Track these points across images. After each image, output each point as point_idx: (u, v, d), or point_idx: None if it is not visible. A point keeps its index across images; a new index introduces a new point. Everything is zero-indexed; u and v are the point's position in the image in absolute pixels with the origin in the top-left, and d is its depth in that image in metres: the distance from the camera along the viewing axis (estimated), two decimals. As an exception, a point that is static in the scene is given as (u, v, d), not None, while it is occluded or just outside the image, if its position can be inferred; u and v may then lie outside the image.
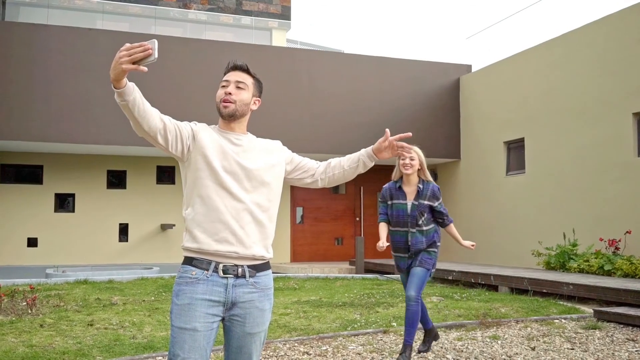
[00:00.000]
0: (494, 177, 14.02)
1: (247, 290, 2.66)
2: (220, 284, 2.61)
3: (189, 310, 2.57)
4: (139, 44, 2.28)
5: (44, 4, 14.99)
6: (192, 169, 2.66)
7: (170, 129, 2.56)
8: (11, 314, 7.32)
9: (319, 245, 16.04)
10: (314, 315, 7.42)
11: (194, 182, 2.65)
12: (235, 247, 2.61)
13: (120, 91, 2.35)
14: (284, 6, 16.73)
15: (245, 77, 2.76)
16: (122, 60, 2.28)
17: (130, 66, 2.28)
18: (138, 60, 2.30)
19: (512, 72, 13.64)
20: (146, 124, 2.47)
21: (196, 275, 2.61)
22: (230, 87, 2.71)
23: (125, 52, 2.28)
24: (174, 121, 2.62)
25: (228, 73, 2.77)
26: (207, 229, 2.61)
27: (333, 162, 2.95)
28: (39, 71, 12.45)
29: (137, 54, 2.28)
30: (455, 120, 15.33)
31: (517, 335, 6.44)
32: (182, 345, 2.54)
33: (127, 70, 2.30)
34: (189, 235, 2.65)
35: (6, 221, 13.69)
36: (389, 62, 15.09)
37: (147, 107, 2.46)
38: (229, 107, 2.69)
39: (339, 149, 14.38)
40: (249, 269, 2.66)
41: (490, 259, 13.79)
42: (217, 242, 2.60)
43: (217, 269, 2.61)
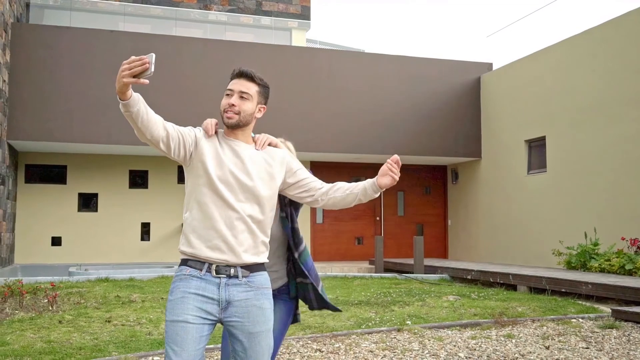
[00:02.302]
0: (515, 176, 13.91)
1: (241, 289, 2.70)
2: (213, 282, 2.67)
3: (181, 304, 2.64)
4: (139, 57, 2.37)
5: (67, 7, 15.23)
6: (192, 174, 2.73)
7: (172, 137, 2.63)
8: (32, 311, 7.46)
9: (339, 244, 16.06)
10: (328, 314, 7.44)
11: (193, 187, 2.72)
12: (226, 256, 2.67)
13: (125, 103, 2.43)
14: (303, 6, 16.77)
15: (250, 85, 2.75)
16: (124, 74, 2.37)
17: (130, 79, 2.37)
18: (137, 73, 2.38)
19: (533, 70, 13.52)
20: (149, 133, 2.55)
21: (190, 273, 2.69)
22: (234, 98, 2.73)
23: (127, 66, 2.37)
24: (178, 128, 2.67)
25: (233, 80, 2.78)
26: (202, 235, 2.68)
27: (338, 185, 2.93)
28: (62, 73, 12.65)
29: (136, 68, 2.36)
30: (476, 119, 15.24)
31: (532, 334, 6.39)
32: (175, 337, 2.60)
33: (128, 84, 2.38)
34: (185, 239, 2.73)
35: (31, 220, 13.93)
36: (409, 61, 15.06)
37: (150, 116, 2.53)
38: (233, 118, 2.72)
39: (359, 148, 14.39)
40: (242, 269, 2.71)
41: (511, 259, 13.69)
42: (209, 249, 2.67)
43: (210, 269, 2.68)
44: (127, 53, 12.86)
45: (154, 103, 11.14)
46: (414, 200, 16.77)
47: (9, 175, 12.80)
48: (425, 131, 14.81)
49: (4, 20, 11.90)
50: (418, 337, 6.24)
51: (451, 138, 15.02)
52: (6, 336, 6.04)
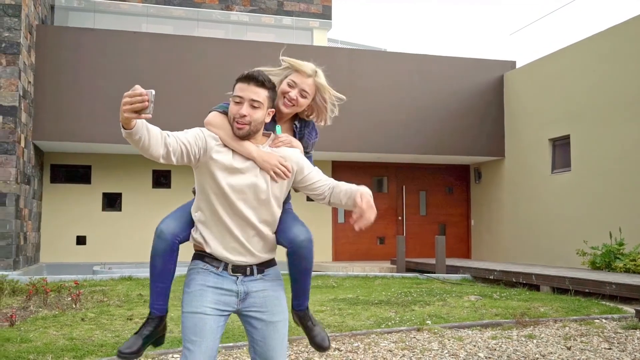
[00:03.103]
0: (539, 175, 13.76)
1: (257, 282, 2.77)
2: (230, 278, 2.73)
3: (200, 296, 2.68)
4: (139, 92, 2.28)
5: (91, 9, 15.41)
6: (201, 178, 2.70)
7: (174, 152, 2.56)
8: (56, 309, 7.56)
9: (360, 244, 16.03)
10: (348, 313, 7.44)
11: (202, 190, 2.72)
12: (244, 258, 2.73)
13: (128, 132, 2.38)
14: (324, 6, 16.77)
15: (260, 91, 2.64)
16: (125, 109, 2.30)
17: (132, 115, 2.30)
18: (138, 109, 2.30)
19: (557, 68, 13.37)
20: (148, 155, 2.52)
21: (207, 268, 2.74)
22: (245, 108, 2.63)
23: (128, 99, 2.29)
24: (182, 139, 2.59)
25: (241, 84, 2.66)
26: (217, 236, 2.71)
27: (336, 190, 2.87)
28: (86, 74, 12.81)
29: (136, 105, 2.29)
30: (499, 117, 15.12)
31: (554, 334, 6.32)
32: (193, 329, 2.64)
33: (130, 119, 2.32)
34: (201, 237, 2.75)
35: (57, 220, 14.12)
36: (431, 60, 14.98)
37: (152, 140, 2.47)
38: (243, 129, 2.65)
39: (381, 147, 14.36)
40: (257, 266, 2.77)
41: (534, 259, 13.55)
42: (226, 251, 2.71)
43: (227, 267, 2.73)
44: (150, 54, 13.03)
45: (176, 104, 11.25)
46: (436, 200, 16.67)
47: (34, 175, 12.99)
48: (447, 130, 14.73)
49: (29, 23, 12.08)
50: (438, 336, 6.20)
51: (474, 137, 14.92)
52: (29, 333, 6.13)
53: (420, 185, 16.61)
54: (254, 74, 2.65)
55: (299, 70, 2.85)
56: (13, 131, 11.06)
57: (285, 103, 2.82)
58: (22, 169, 11.65)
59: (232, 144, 2.68)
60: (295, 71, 2.88)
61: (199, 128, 2.73)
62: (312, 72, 2.88)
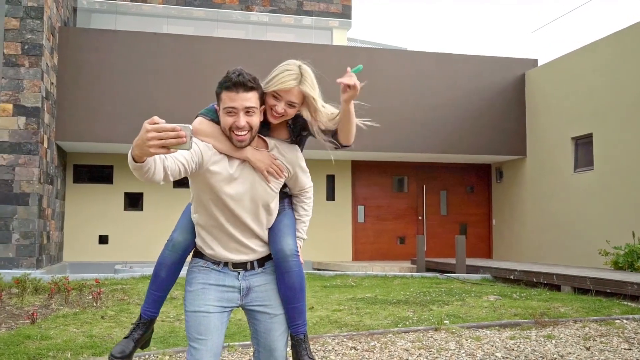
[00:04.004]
0: (561, 174, 13.62)
1: (259, 276, 2.78)
2: (231, 274, 2.74)
3: (202, 295, 2.69)
4: (172, 127, 2.07)
5: (112, 11, 15.57)
6: (196, 185, 2.67)
7: (172, 172, 2.43)
8: (77, 307, 7.66)
9: (380, 244, 15.99)
10: (366, 312, 7.43)
11: (198, 196, 2.69)
12: (247, 256, 2.74)
13: (138, 165, 2.22)
14: (344, 5, 16.76)
15: (250, 96, 2.53)
16: (152, 144, 2.08)
17: (159, 150, 2.09)
18: (172, 145, 2.09)
19: (579, 66, 13.22)
20: (149, 182, 2.38)
21: (208, 265, 2.75)
22: (242, 119, 2.53)
23: (155, 135, 2.07)
24: (177, 159, 2.45)
25: (229, 93, 2.53)
26: (219, 238, 2.71)
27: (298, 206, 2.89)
28: (108, 75, 12.95)
29: (170, 140, 2.08)
30: (521, 116, 14.98)
31: (574, 335, 6.25)
32: (198, 327, 2.65)
33: (155, 154, 2.12)
34: (202, 240, 2.75)
35: (79, 219, 14.29)
36: (451, 58, 14.90)
37: (157, 169, 2.33)
38: (245, 140, 2.57)
39: (401, 147, 14.31)
40: (257, 261, 2.79)
41: (556, 259, 13.41)
42: (229, 252, 2.72)
43: (228, 264, 2.75)
44: (170, 54, 13.13)
45: (196, 104, 11.32)
46: (457, 199, 16.57)
47: (57, 175, 13.16)
48: (468, 129, 14.63)
49: (52, 25, 12.24)
50: (455, 336, 6.17)
51: (495, 136, 14.80)
52: (50, 331, 6.22)
53: (440, 184, 16.53)
54: (240, 80, 2.52)
55: (279, 88, 2.63)
56: (36, 132, 11.22)
57: (273, 115, 2.67)
58: (45, 169, 11.81)
59: (226, 150, 2.63)
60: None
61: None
62: (295, 83, 2.64)
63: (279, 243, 2.73)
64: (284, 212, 2.83)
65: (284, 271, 2.73)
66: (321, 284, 10.30)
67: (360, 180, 15.97)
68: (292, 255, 2.72)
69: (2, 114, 11.14)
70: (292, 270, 2.73)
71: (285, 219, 2.80)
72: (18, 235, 10.99)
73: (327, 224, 15.48)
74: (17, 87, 11.20)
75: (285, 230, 2.77)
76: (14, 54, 11.25)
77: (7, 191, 11.03)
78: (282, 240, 2.74)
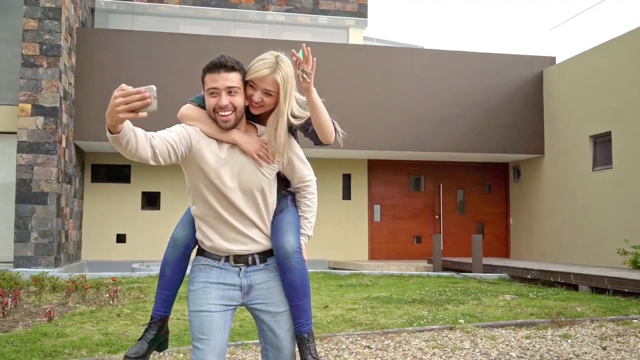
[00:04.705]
0: (579, 173, 13.48)
1: (261, 273, 2.74)
2: (233, 271, 2.72)
3: (203, 294, 2.67)
4: (137, 90, 2.15)
5: (130, 11, 15.68)
6: (190, 173, 2.69)
7: (161, 152, 2.50)
8: (93, 305, 7.73)
9: (396, 243, 15.94)
10: (381, 311, 7.41)
11: (194, 184, 2.69)
12: (247, 246, 2.71)
13: (116, 137, 2.26)
14: (360, 4, 16.73)
15: (232, 76, 2.57)
16: (119, 109, 2.15)
17: (128, 115, 2.16)
18: (136, 108, 2.16)
19: (598, 63, 13.08)
20: (136, 158, 2.44)
21: (209, 263, 2.73)
22: (224, 98, 2.56)
23: (122, 100, 2.15)
24: (166, 139, 2.53)
25: (211, 75, 2.57)
26: (217, 228, 2.69)
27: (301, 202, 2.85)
28: (125, 75, 13.03)
29: (135, 103, 2.15)
30: (539, 114, 14.86)
31: (590, 334, 6.19)
32: (201, 327, 2.64)
33: (124, 120, 2.20)
34: (201, 232, 2.74)
35: (97, 219, 14.42)
36: (468, 57, 14.82)
37: (139, 142, 2.38)
38: (230, 120, 2.60)
39: (417, 145, 14.26)
40: (259, 256, 2.75)
41: (574, 258, 13.28)
42: (228, 242, 2.69)
43: (229, 259, 2.72)
44: (187, 54, 13.19)
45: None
46: (474, 198, 16.48)
47: (75, 175, 13.28)
48: (485, 128, 14.54)
49: (70, 25, 12.35)
50: (470, 335, 6.13)
51: (513, 134, 14.70)
52: (66, 328, 6.28)
53: (457, 183, 16.45)
54: (221, 61, 2.56)
55: (253, 77, 2.63)
56: (54, 132, 11.33)
57: (253, 105, 2.68)
58: (64, 168, 11.92)
59: (214, 133, 2.65)
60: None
61: (180, 125, 2.67)
62: (270, 70, 2.62)
63: (280, 240, 2.72)
64: (287, 209, 2.80)
65: (286, 269, 2.71)
66: (336, 283, 10.30)
67: (376, 179, 15.94)
68: (293, 252, 2.70)
69: (21, 114, 11.26)
70: (294, 268, 2.70)
71: (288, 216, 2.77)
72: (36, 234, 11.10)
73: (343, 223, 15.47)
74: (35, 87, 11.32)
75: (287, 227, 2.75)
76: (32, 54, 11.37)
77: (25, 190, 11.16)
78: (283, 237, 2.72)
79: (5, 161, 11.68)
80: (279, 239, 2.72)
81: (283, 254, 2.70)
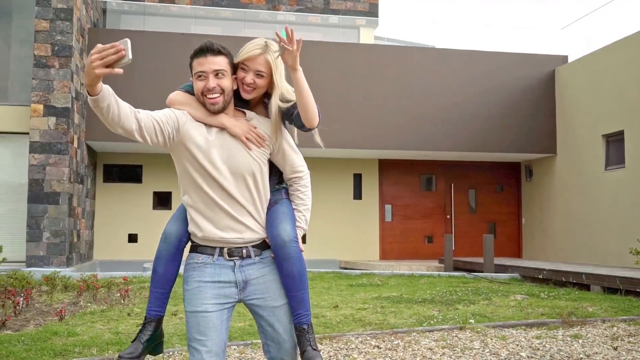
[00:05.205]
0: (591, 172, 13.39)
1: (256, 267, 2.69)
2: (227, 266, 2.66)
3: (198, 294, 2.62)
4: (111, 44, 2.18)
5: (141, 12, 15.73)
6: (179, 158, 2.66)
7: (147, 127, 2.51)
8: (104, 304, 7.77)
9: (408, 243, 15.90)
10: (391, 311, 7.39)
11: (184, 171, 2.66)
12: (241, 234, 2.66)
13: (95, 98, 2.27)
14: (371, 4, 16.70)
15: (219, 59, 2.60)
16: (95, 65, 2.18)
17: (103, 70, 2.18)
18: (111, 62, 2.19)
19: (610, 62, 12.97)
20: (120, 128, 2.43)
21: (202, 260, 2.67)
22: (211, 81, 2.58)
23: (97, 56, 2.17)
24: (152, 115, 2.55)
25: (198, 59, 2.60)
26: (210, 217, 2.64)
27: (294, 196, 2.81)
28: (137, 75, 13.08)
29: (110, 57, 2.18)
30: (551, 113, 14.77)
31: (601, 334, 6.14)
32: (197, 328, 2.60)
33: (101, 75, 2.20)
34: (193, 222, 2.69)
35: (109, 218, 14.49)
36: (479, 56, 14.75)
37: (121, 110, 2.39)
38: (218, 103, 2.61)
39: (429, 145, 14.22)
40: (254, 248, 2.70)
41: (587, 258, 13.18)
42: (221, 230, 2.64)
43: (223, 252, 2.66)
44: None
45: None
46: (486, 198, 16.40)
47: (87, 175, 13.36)
48: (497, 127, 14.47)
49: (81, 26, 12.42)
50: (480, 335, 6.10)
51: (525, 134, 14.62)
52: (77, 327, 6.31)
53: (469, 183, 16.38)
54: (207, 45, 2.59)
55: (246, 57, 2.68)
56: (66, 132, 11.40)
57: (245, 89, 2.69)
58: (75, 168, 11.99)
59: (202, 117, 2.64)
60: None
61: (168, 108, 2.68)
62: (261, 50, 2.68)
63: (276, 229, 2.67)
64: (282, 201, 2.76)
65: (282, 258, 2.65)
66: (347, 282, 10.28)
67: (387, 179, 15.90)
68: (290, 241, 2.64)
69: (33, 114, 11.34)
70: (291, 257, 2.63)
71: (283, 207, 2.73)
72: (49, 234, 11.18)
73: (354, 223, 15.45)
74: (47, 87, 11.40)
75: (283, 217, 2.70)
76: (44, 55, 11.44)
77: (38, 190, 11.23)
78: (279, 226, 2.67)
79: (18, 161, 11.76)
80: (275, 228, 2.67)
81: (280, 243, 2.65)
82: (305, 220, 2.78)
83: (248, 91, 2.71)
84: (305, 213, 2.79)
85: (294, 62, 2.55)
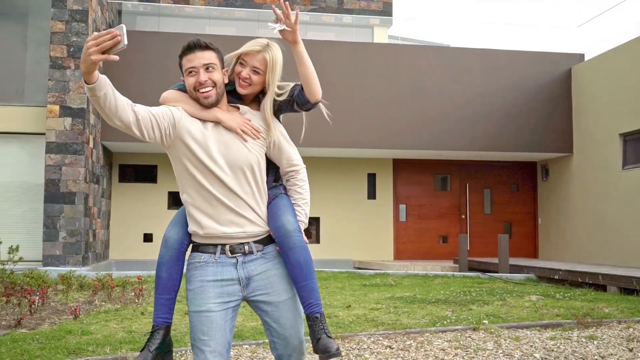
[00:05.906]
0: (609, 171, 13.25)
1: (258, 263, 2.67)
2: (229, 263, 2.65)
3: (201, 293, 2.61)
4: (106, 31, 2.20)
5: (156, 13, 15.81)
6: (176, 155, 2.66)
7: (144, 120, 2.52)
8: (119, 303, 7.81)
9: (422, 243, 15.83)
10: (404, 311, 7.36)
11: (181, 168, 2.66)
12: (243, 228, 2.65)
13: (92, 87, 2.28)
14: (385, 3, 16.65)
15: (207, 54, 2.63)
16: (91, 51, 2.19)
17: (99, 56, 2.19)
18: (107, 49, 2.20)
19: (628, 60, 12.84)
20: (117, 119, 2.44)
21: (204, 259, 2.66)
22: (202, 75, 2.61)
23: (93, 42, 2.19)
24: (149, 110, 2.57)
25: (187, 56, 2.64)
26: (211, 213, 2.63)
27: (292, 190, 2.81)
28: (151, 76, 13.16)
29: (106, 43, 2.19)
30: (567, 112, 14.64)
31: (617, 336, 6.07)
32: (201, 327, 2.59)
33: (97, 62, 2.21)
34: (193, 220, 2.68)
35: (125, 218, 14.58)
36: (495, 54, 14.66)
37: (118, 101, 2.40)
38: (211, 96, 2.63)
39: (443, 144, 14.16)
40: (256, 244, 2.68)
41: (604, 258, 13.05)
42: (222, 225, 2.63)
43: (224, 250, 2.65)
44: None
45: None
46: (502, 198, 16.30)
47: (103, 175, 13.45)
48: (512, 126, 14.37)
49: (97, 27, 12.51)
50: (494, 336, 6.06)
51: (541, 133, 14.51)
52: (91, 326, 6.35)
53: (484, 183, 16.28)
54: (194, 42, 2.63)
55: (246, 51, 2.75)
56: (82, 132, 11.48)
57: (241, 84, 2.76)
58: (91, 168, 12.08)
59: (196, 112, 2.66)
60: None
61: (163, 105, 2.70)
62: (260, 48, 2.77)
63: (279, 220, 2.67)
64: (281, 195, 2.77)
65: (288, 248, 2.64)
66: (360, 282, 10.26)
67: (401, 178, 15.85)
68: (294, 230, 2.64)
69: (49, 115, 11.44)
70: (296, 247, 2.62)
71: (284, 200, 2.74)
72: (65, 234, 11.27)
73: (368, 223, 15.42)
74: (63, 88, 11.49)
75: (285, 209, 2.71)
76: (60, 56, 11.54)
77: (54, 190, 11.33)
78: (282, 217, 2.67)
79: (34, 162, 11.87)
80: (278, 220, 2.67)
81: (284, 233, 2.64)
82: (305, 215, 2.78)
83: (244, 86, 2.76)
84: (304, 207, 2.79)
85: (294, 36, 2.66)
